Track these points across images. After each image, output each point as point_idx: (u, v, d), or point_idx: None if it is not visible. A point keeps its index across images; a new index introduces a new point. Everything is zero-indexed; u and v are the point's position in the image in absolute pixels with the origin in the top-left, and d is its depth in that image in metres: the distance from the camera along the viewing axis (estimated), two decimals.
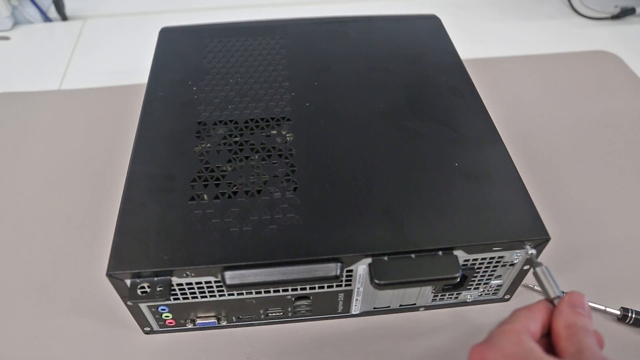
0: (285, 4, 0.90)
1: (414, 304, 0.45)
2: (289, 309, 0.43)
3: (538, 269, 0.35)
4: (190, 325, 0.43)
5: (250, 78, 0.52)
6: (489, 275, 0.42)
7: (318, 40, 0.57)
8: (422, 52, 0.56)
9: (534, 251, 0.38)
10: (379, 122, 0.47)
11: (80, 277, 0.48)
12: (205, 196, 0.41)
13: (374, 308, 0.45)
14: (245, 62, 0.54)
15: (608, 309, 0.45)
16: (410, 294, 0.43)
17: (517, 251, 0.39)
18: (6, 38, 0.81)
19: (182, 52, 0.56)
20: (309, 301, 0.42)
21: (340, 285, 0.41)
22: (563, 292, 0.33)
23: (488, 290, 0.45)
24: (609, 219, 0.53)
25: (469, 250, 0.38)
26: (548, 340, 0.32)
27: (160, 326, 0.43)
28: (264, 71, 0.53)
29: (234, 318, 0.43)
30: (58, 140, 0.62)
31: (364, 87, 0.51)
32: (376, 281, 0.36)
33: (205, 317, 0.42)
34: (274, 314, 0.43)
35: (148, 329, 0.43)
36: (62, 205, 0.54)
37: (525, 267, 0.41)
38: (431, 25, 0.60)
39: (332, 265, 0.37)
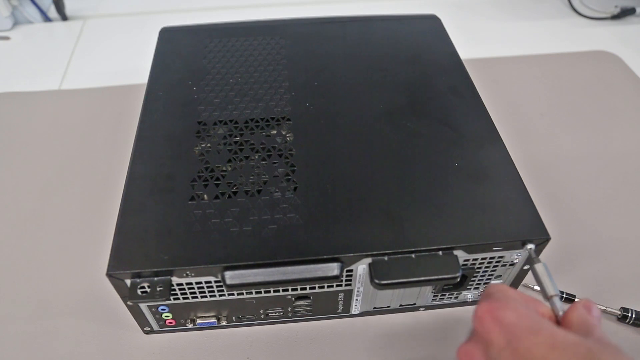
0: (285, 4, 0.90)
1: (414, 304, 0.45)
2: (289, 309, 0.43)
3: (537, 266, 0.35)
4: (190, 325, 0.43)
5: (250, 78, 0.52)
6: (489, 275, 0.42)
7: (318, 40, 0.57)
8: (422, 52, 0.56)
9: (532, 246, 0.38)
10: (379, 122, 0.47)
11: (80, 277, 0.48)
12: (205, 196, 0.41)
13: (374, 308, 0.45)
14: (245, 62, 0.54)
15: (608, 309, 0.45)
16: (410, 294, 0.43)
17: (517, 251, 0.39)
18: (6, 38, 0.81)
19: (182, 52, 0.56)
20: (309, 301, 0.42)
21: (340, 285, 0.41)
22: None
23: None
24: (609, 219, 0.53)
25: (469, 250, 0.38)
26: None
27: (160, 326, 0.43)
28: (264, 71, 0.53)
29: (234, 318, 0.43)
30: (58, 140, 0.62)
31: (364, 87, 0.51)
32: (376, 281, 0.36)
33: (205, 317, 0.42)
34: (274, 314, 0.43)
35: (148, 329, 0.43)
36: (62, 205, 0.54)
37: (525, 267, 0.41)
38: (431, 25, 0.60)
39: (332, 265, 0.37)
